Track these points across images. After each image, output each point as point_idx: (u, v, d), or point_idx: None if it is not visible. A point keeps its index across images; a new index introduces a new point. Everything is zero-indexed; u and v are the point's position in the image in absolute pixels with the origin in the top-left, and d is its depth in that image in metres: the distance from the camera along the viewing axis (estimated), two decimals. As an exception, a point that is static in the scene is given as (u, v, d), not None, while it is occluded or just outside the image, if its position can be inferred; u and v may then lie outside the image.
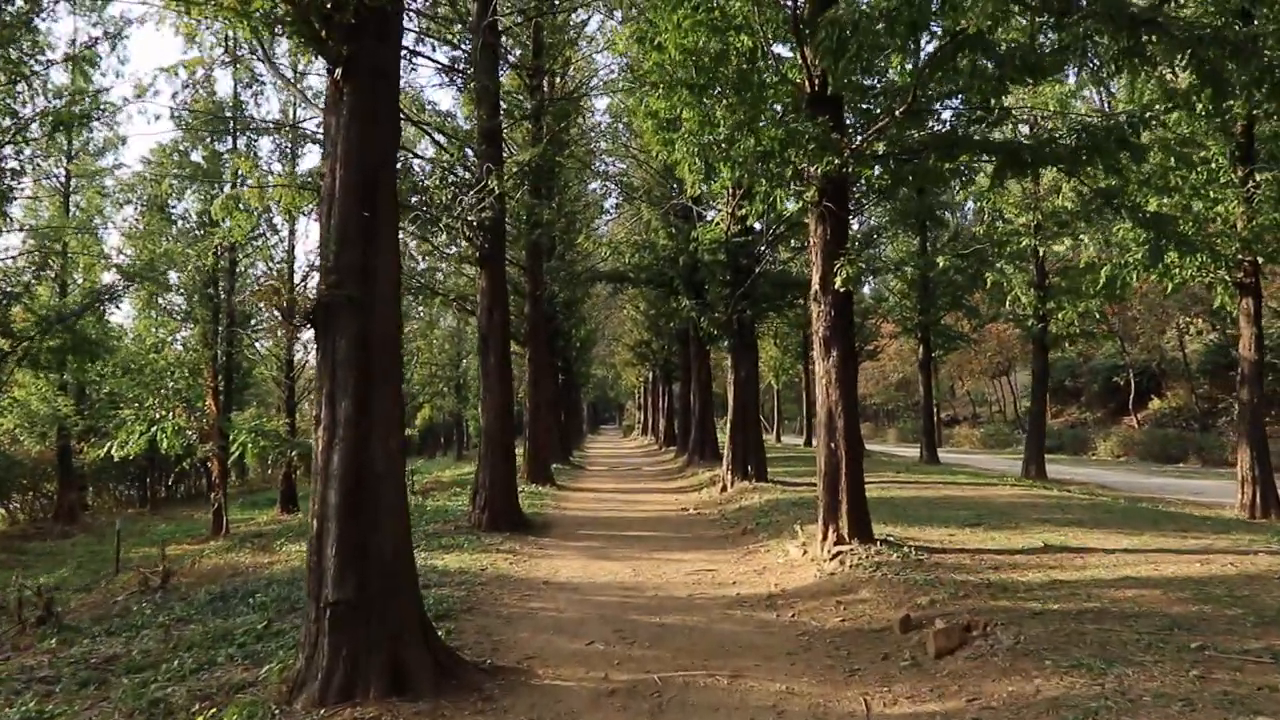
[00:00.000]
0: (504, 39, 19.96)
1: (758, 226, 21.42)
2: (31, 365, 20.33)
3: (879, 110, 9.98)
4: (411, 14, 14.59)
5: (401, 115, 15.35)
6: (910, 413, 64.31)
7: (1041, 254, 24.68)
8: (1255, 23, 13.37)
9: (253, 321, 27.36)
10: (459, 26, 15.06)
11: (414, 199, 14.40)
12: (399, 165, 15.14)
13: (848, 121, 10.99)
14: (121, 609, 10.06)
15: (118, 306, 22.98)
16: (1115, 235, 16.70)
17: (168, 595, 10.55)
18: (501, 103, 16.57)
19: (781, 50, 11.10)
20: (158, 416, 28.04)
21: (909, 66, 9.45)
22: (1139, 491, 20.98)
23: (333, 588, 5.90)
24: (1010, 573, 8.98)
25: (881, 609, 8.13)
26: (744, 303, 20.73)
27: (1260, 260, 15.49)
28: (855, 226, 26.20)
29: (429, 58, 15.28)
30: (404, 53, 15.65)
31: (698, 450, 30.80)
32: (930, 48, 10.51)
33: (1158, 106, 13.82)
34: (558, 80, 24.90)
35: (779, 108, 9.95)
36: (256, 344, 28.20)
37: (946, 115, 10.28)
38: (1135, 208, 12.59)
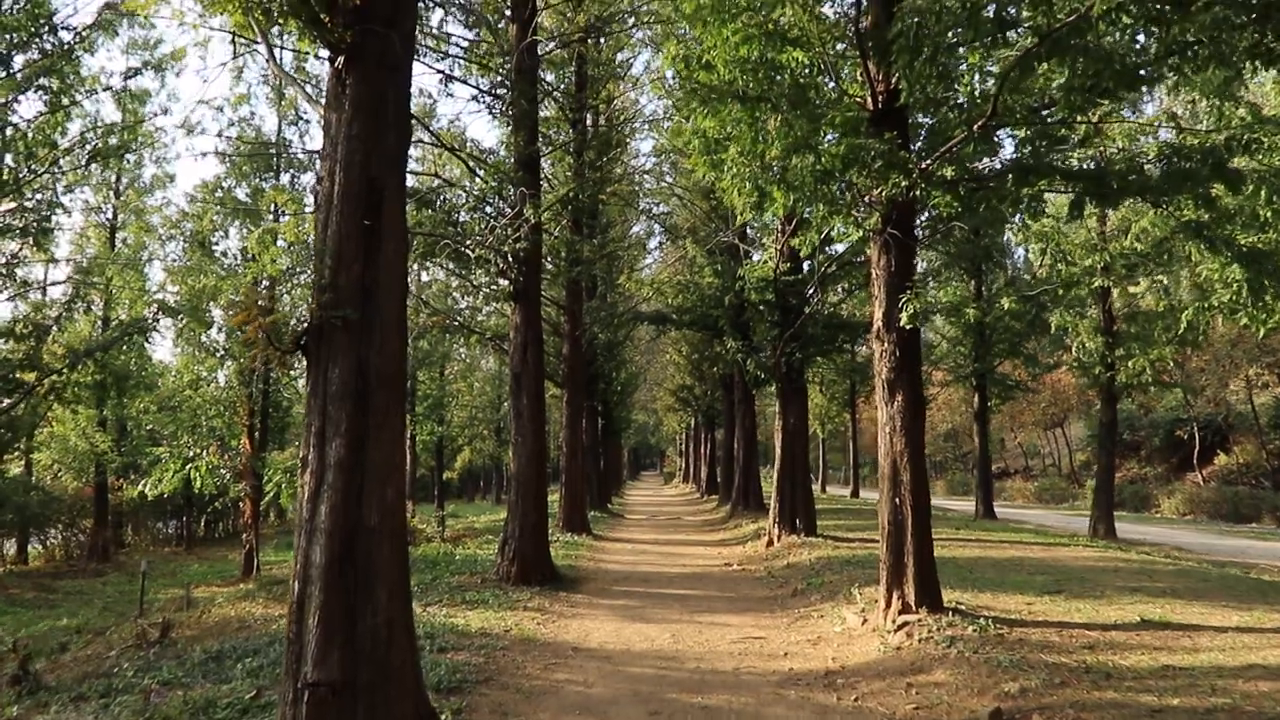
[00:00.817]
0: (545, 70, 19.40)
1: (807, 265, 20.44)
2: (59, 400, 19.81)
3: (953, 125, 8.97)
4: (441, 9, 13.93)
5: (436, 140, 14.79)
6: (959, 464, 62.19)
7: (1111, 296, 23.34)
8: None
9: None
10: (496, 52, 14.42)
11: (448, 229, 13.68)
12: (433, 195, 14.52)
13: (912, 144, 10.02)
14: (111, 666, 9.18)
15: (149, 340, 22.46)
16: (1199, 274, 15.46)
17: (163, 651, 9.64)
18: (540, 129, 15.89)
19: (841, 64, 10.19)
20: (192, 455, 27.64)
21: (990, 70, 8.44)
22: (1219, 554, 19.35)
23: (313, 666, 4.93)
24: (1110, 654, 7.73)
25: (962, 696, 6.93)
26: (793, 345, 19.65)
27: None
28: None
29: (464, 81, 14.56)
30: (440, 79, 15.06)
31: (741, 500, 29.51)
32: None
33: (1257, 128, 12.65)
34: (600, 117, 24.31)
35: (838, 124, 8.99)
36: (297, 382, 27.73)
37: (1023, 133, 9.23)
38: (1229, 242, 11.43)
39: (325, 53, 5.49)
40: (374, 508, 5.17)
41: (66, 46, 17.36)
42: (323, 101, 5.56)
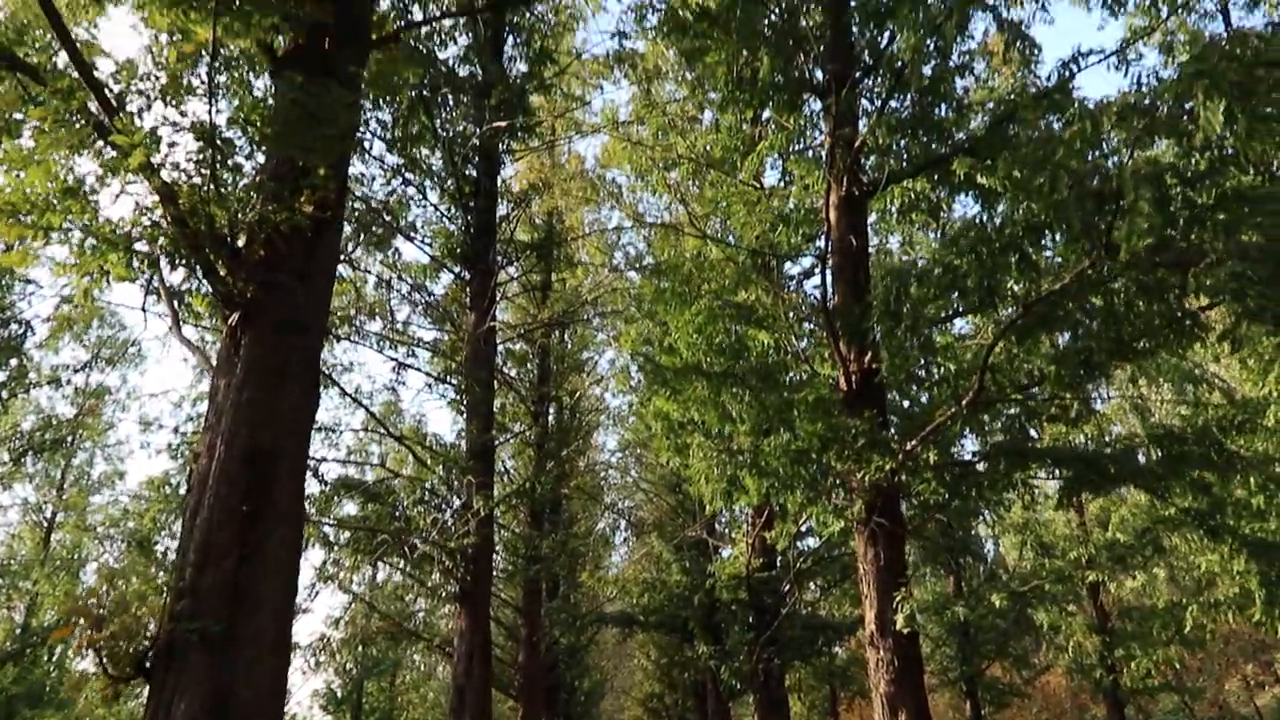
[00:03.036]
0: (507, 364, 19.23)
1: (782, 560, 19.26)
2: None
3: (936, 403, 8.34)
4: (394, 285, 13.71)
5: (380, 426, 14.04)
6: (954, 780, 57.07)
7: (1105, 589, 22.15)
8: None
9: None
10: (449, 330, 14.14)
11: (393, 523, 12.57)
12: (380, 487, 13.53)
13: (892, 423, 9.37)
14: None
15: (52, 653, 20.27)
16: (1197, 566, 14.50)
17: None
18: (500, 420, 15.31)
19: (810, 345, 9.77)
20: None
21: (970, 341, 7.97)
22: None
23: None
24: None
25: None
26: (770, 649, 17.97)
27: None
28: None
29: (418, 369, 14.11)
30: (394, 366, 14.64)
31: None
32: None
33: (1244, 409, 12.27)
34: (564, 410, 24.02)
35: (811, 404, 8.35)
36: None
37: (1012, 412, 8.64)
38: (1233, 531, 10.61)
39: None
40: None
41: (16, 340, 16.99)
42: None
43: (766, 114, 10.72)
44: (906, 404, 9.80)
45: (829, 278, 9.09)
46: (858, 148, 8.96)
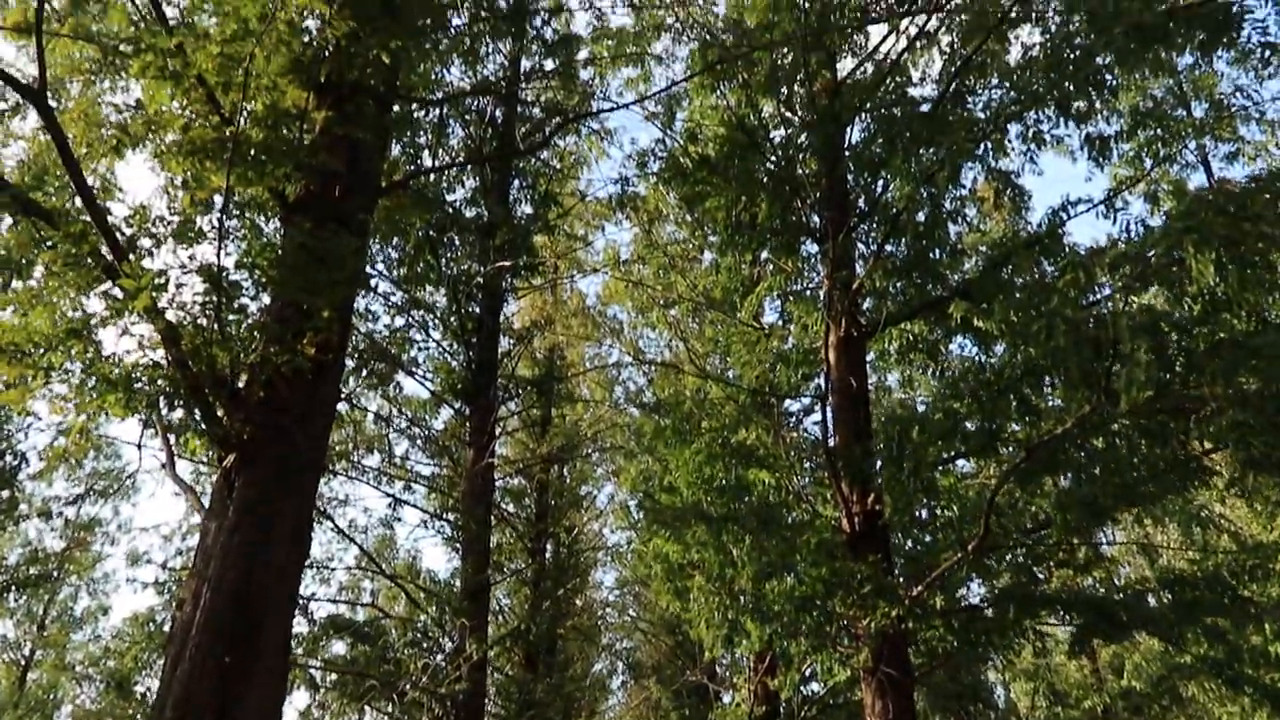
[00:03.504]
0: (504, 500, 18.99)
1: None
2: None
3: (941, 547, 8.18)
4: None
5: (373, 564, 13.72)
6: None
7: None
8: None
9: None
10: (448, 466, 14.01)
11: (382, 667, 12.12)
12: (369, 628, 13.12)
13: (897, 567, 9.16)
14: None
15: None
16: (1219, 719, 13.96)
17: None
18: (495, 557, 14.98)
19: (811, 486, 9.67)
20: None
21: (971, 483, 7.87)
22: None
23: None
24: None
25: None
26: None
27: None
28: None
29: (414, 505, 13.95)
30: (390, 503, 14.47)
31: None
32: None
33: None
34: (561, 547, 23.59)
35: (814, 547, 8.18)
36: None
37: (1019, 557, 8.45)
38: (1254, 681, 10.23)
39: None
40: None
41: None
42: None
43: (765, 254, 10.96)
44: (911, 544, 9.62)
45: (829, 417, 9.09)
46: (855, 290, 9.11)
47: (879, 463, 6.99)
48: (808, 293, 10.41)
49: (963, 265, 9.74)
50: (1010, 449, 7.46)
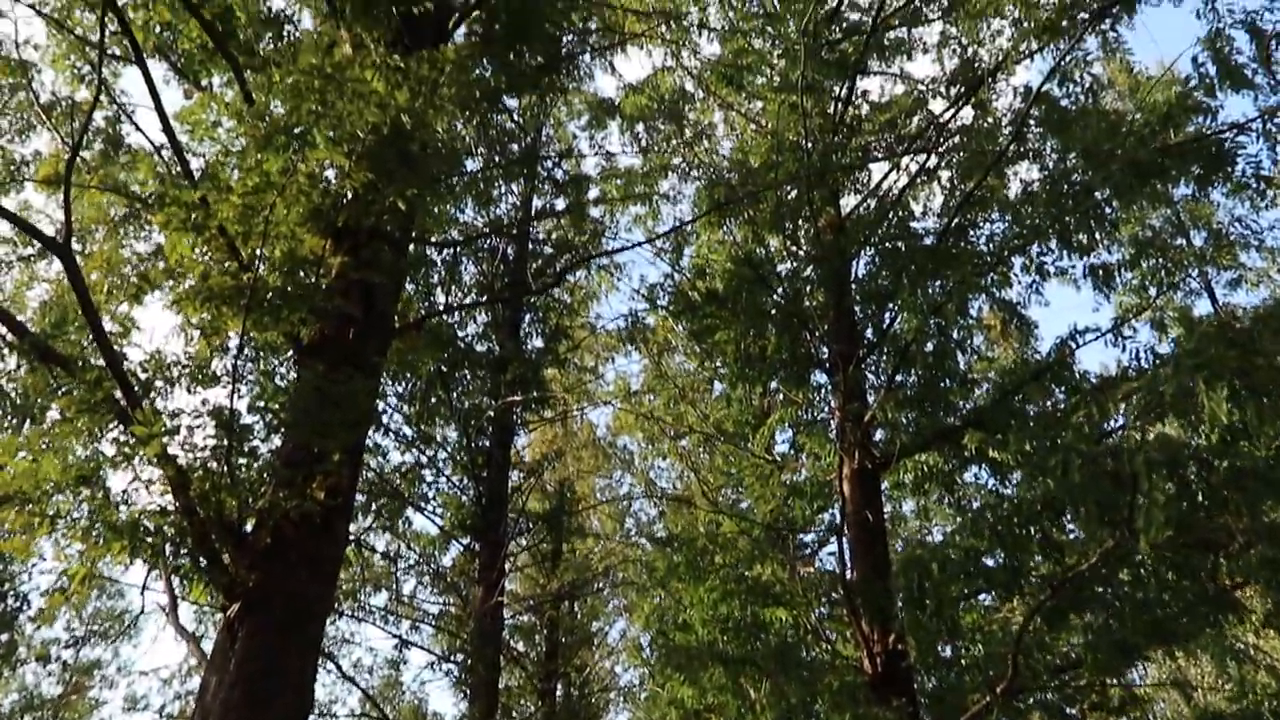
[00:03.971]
0: (514, 638, 18.47)
1: None
2: None
3: (969, 689, 7.83)
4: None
5: (376, 708, 13.21)
6: None
7: None
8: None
9: None
10: (456, 604, 13.66)
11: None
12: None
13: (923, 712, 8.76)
14: None
15: None
16: None
17: None
18: (504, 700, 14.45)
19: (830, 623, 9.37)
20: None
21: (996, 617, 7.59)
22: None
23: None
24: None
25: None
26: None
27: None
28: None
29: (421, 646, 13.57)
30: (397, 644, 14.09)
31: None
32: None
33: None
34: (572, 687, 22.78)
35: (836, 691, 7.85)
36: None
37: (1051, 697, 8.07)
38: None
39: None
40: None
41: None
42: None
43: (775, 384, 10.97)
44: (935, 683, 9.24)
45: (846, 551, 8.89)
46: (867, 422, 9.06)
47: (899, 602, 6.79)
48: (819, 423, 10.35)
49: (973, 394, 9.72)
50: (1035, 579, 7.25)
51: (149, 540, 4.53)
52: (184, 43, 7.47)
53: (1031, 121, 9.14)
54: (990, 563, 6.40)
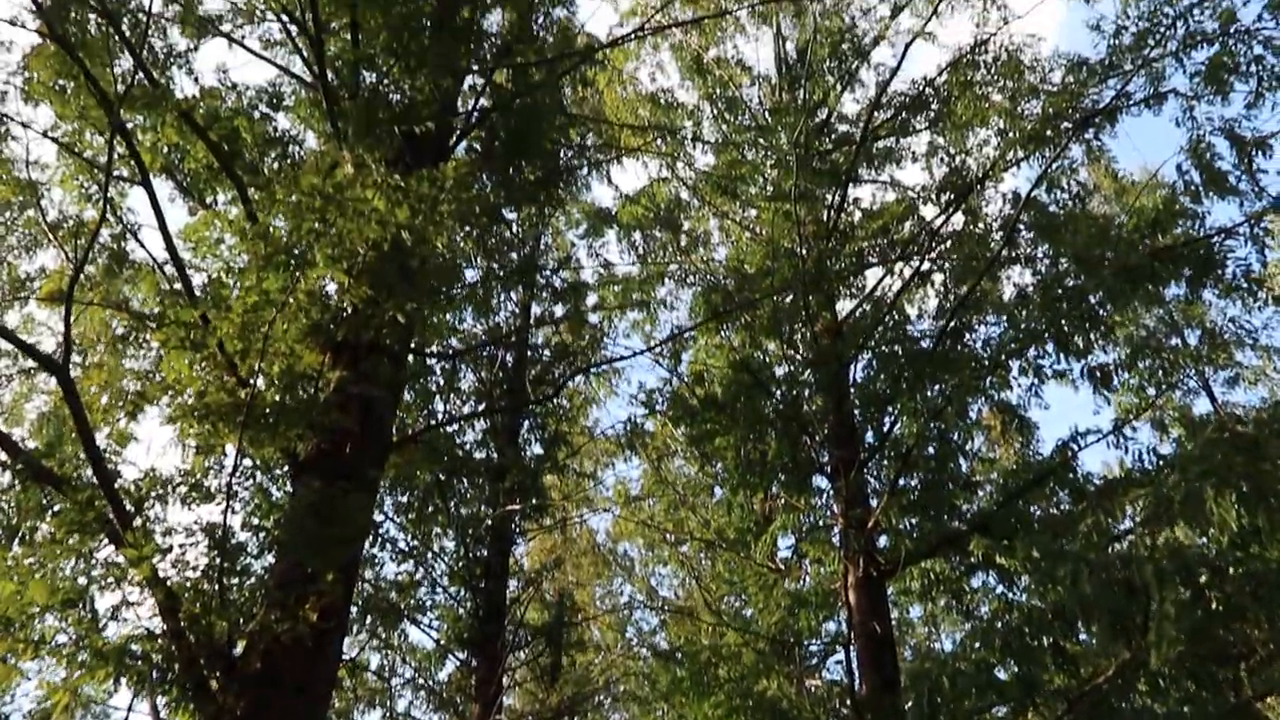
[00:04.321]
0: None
1: None
2: None
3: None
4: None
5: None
6: None
7: None
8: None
9: None
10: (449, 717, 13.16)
11: None
12: None
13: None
14: None
15: None
16: None
17: None
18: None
19: None
20: None
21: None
22: None
23: None
24: None
25: None
26: None
27: None
28: None
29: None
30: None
31: None
32: None
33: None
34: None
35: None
36: None
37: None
38: None
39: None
40: None
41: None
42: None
43: (776, 489, 10.84)
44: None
45: (854, 662, 8.65)
46: (870, 527, 8.93)
47: (910, 718, 6.55)
48: (821, 529, 10.20)
49: (976, 496, 9.61)
50: (1049, 691, 7.01)
51: (135, 665, 4.38)
52: (190, 162, 7.65)
53: (1022, 226, 9.32)
54: (1002, 675, 6.20)
